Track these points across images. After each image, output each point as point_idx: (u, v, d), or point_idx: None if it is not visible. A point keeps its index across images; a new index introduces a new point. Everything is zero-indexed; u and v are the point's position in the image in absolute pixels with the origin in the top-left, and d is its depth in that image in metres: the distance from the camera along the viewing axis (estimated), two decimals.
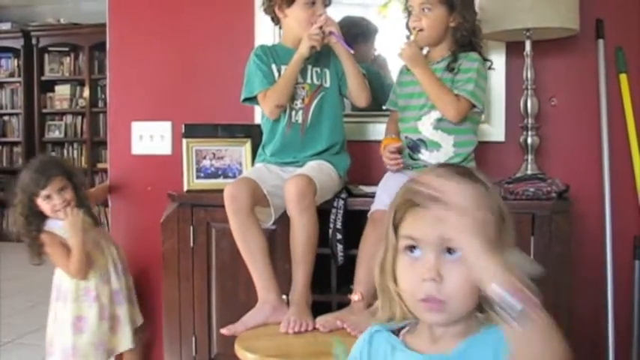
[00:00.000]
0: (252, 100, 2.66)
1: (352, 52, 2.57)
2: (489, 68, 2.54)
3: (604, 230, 2.73)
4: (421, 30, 2.46)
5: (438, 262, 1.19)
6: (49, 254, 2.84)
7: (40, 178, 2.81)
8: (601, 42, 2.77)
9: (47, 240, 2.83)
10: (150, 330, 3.16)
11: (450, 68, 2.45)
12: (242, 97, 2.67)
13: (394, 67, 2.85)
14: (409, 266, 1.24)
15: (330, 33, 2.53)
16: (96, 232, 2.95)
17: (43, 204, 2.82)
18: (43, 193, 2.80)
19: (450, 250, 1.19)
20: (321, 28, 2.51)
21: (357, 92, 2.62)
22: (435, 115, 2.45)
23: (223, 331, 2.32)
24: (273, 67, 2.63)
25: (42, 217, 2.84)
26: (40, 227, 2.84)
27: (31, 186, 2.81)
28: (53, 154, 8.18)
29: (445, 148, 2.46)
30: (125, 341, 2.93)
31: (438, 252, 1.20)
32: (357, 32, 3.08)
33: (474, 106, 2.41)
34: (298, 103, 2.63)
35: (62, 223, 2.83)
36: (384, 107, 2.71)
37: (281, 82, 2.57)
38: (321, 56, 2.62)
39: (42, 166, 2.86)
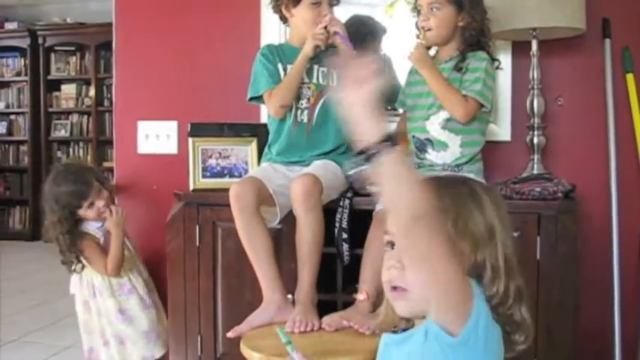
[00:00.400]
0: (259, 99, 2.66)
1: (354, 52, 2.56)
2: (497, 68, 2.54)
3: (610, 230, 2.73)
4: (429, 29, 2.46)
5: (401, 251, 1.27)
6: (86, 258, 2.88)
7: (80, 190, 2.85)
8: (607, 42, 2.77)
9: (86, 245, 2.87)
10: None
11: (457, 68, 2.45)
12: (248, 97, 2.67)
13: (399, 67, 2.85)
14: (386, 259, 1.33)
15: (335, 33, 2.52)
16: None
17: (87, 212, 2.87)
18: (86, 203, 2.85)
19: None
20: (325, 27, 2.51)
21: None
22: (443, 115, 2.45)
23: (229, 334, 2.31)
24: (279, 66, 2.63)
25: (78, 223, 2.88)
26: (81, 235, 2.88)
27: (74, 200, 2.84)
28: (59, 154, 8.21)
29: (452, 149, 2.46)
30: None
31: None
32: (365, 31, 3.08)
33: (482, 105, 2.41)
34: (304, 103, 2.62)
35: (97, 224, 2.90)
36: (396, 106, 2.71)
37: (285, 82, 2.58)
38: (328, 56, 2.61)
39: (76, 176, 2.89)
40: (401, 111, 2.74)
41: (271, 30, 3.05)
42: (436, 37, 2.48)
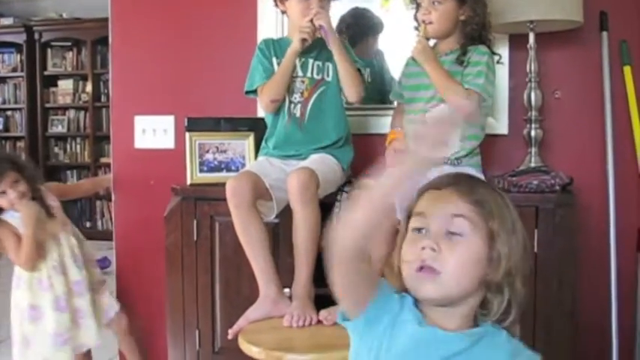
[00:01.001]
0: (255, 92, 2.67)
1: (330, 46, 2.54)
2: (497, 62, 2.53)
3: (608, 223, 2.73)
4: (430, 23, 2.45)
5: (439, 237, 1.28)
6: (2, 245, 2.81)
7: None
8: (605, 34, 2.76)
9: (2, 231, 2.80)
10: (153, 324, 3.16)
11: (459, 61, 2.44)
12: (244, 90, 2.68)
13: (394, 61, 2.84)
14: (413, 241, 1.32)
15: (319, 27, 2.51)
16: (52, 224, 2.90)
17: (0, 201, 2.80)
18: None
19: (453, 234, 1.28)
20: (312, 21, 2.51)
21: (347, 87, 2.57)
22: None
23: (229, 336, 2.31)
24: (274, 60, 2.64)
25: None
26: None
27: None
28: (56, 149, 8.19)
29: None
30: (90, 336, 2.89)
31: (441, 230, 1.29)
32: (365, 25, 3.08)
33: (483, 100, 2.41)
34: (297, 97, 2.62)
35: (17, 214, 2.81)
36: (390, 98, 2.70)
37: (275, 78, 2.58)
38: (324, 49, 2.60)
39: None
40: (395, 104, 2.74)
41: (268, 24, 3.05)
42: (437, 30, 2.47)
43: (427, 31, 2.46)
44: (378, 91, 2.72)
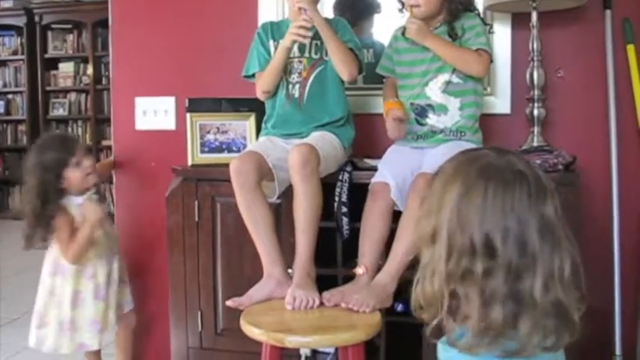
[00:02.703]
0: (252, 76, 2.70)
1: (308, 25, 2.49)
2: (489, 32, 2.56)
3: (611, 201, 2.72)
4: (418, 6, 2.44)
5: None
6: (56, 237, 2.78)
7: (67, 147, 2.80)
8: (608, 12, 2.74)
9: (62, 223, 2.77)
10: (156, 305, 3.16)
11: (452, 36, 2.46)
12: (242, 74, 2.72)
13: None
14: None
15: (300, 9, 2.49)
16: (109, 221, 2.93)
17: (74, 173, 2.78)
18: (74, 160, 2.78)
19: None
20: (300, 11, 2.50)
21: (339, 66, 2.56)
22: (442, 78, 2.46)
23: (229, 302, 2.31)
24: (272, 43, 2.65)
25: (60, 194, 2.79)
26: (59, 211, 2.77)
27: (61, 157, 2.76)
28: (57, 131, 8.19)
29: (452, 112, 2.47)
30: (111, 324, 2.89)
31: None
32: (361, 7, 3.07)
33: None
34: (295, 77, 2.62)
35: (79, 199, 2.81)
36: (378, 71, 2.69)
37: (267, 71, 2.60)
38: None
39: (62, 139, 2.88)
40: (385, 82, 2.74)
41: (269, 5, 3.04)
42: (425, 12, 2.47)
43: (415, 14, 2.45)
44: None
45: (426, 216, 1.26)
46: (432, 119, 2.48)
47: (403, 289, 2.30)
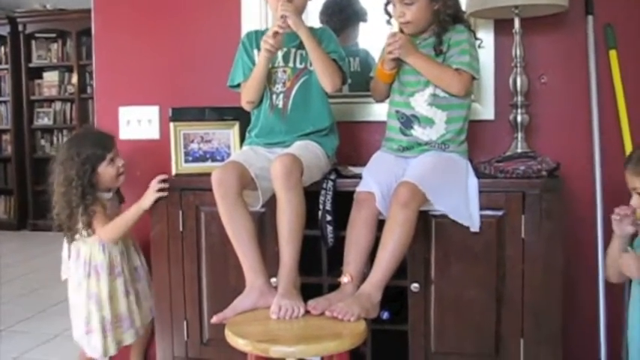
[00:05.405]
0: (238, 86, 2.70)
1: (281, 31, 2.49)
2: (479, 47, 2.53)
3: (595, 207, 2.72)
4: (408, 22, 2.44)
5: None
6: (94, 219, 2.82)
7: (105, 143, 2.87)
8: (590, 18, 2.75)
9: (100, 207, 2.84)
10: None
11: (437, 51, 2.45)
12: (227, 84, 2.72)
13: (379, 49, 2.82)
14: None
15: (282, 17, 2.47)
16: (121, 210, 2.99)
17: (106, 169, 2.85)
18: (109, 156, 2.85)
19: None
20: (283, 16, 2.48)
21: (321, 77, 2.55)
22: (429, 91, 2.45)
23: (213, 320, 2.29)
24: (256, 52, 2.64)
25: (92, 189, 2.83)
26: (94, 198, 2.83)
27: (98, 150, 2.83)
28: (43, 142, 8.14)
29: (438, 125, 2.45)
30: (146, 316, 2.98)
31: None
32: (346, 15, 3.07)
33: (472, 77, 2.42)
34: (279, 87, 2.62)
35: (108, 195, 2.91)
36: (370, 75, 2.68)
37: (250, 80, 2.61)
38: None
39: (99, 134, 2.94)
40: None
41: (252, 14, 3.04)
42: (415, 27, 2.47)
43: (406, 30, 2.45)
44: (365, 79, 2.70)
45: None
46: (417, 131, 2.47)
47: (390, 297, 2.30)
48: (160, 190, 2.72)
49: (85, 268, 2.86)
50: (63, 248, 2.98)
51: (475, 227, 2.38)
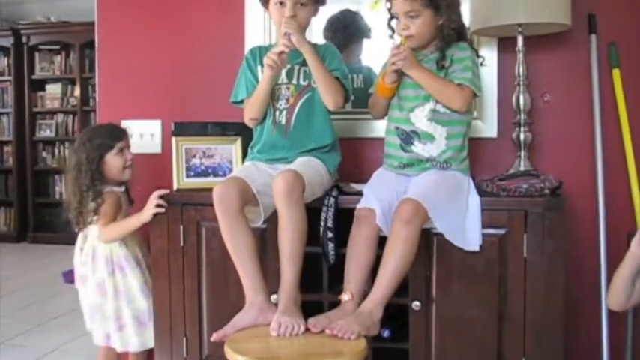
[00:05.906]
0: (241, 102, 2.68)
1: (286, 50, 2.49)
2: (481, 64, 2.52)
3: (597, 227, 2.72)
4: (411, 36, 2.44)
5: None
6: (101, 211, 2.82)
7: (115, 133, 2.89)
8: (593, 37, 2.76)
9: (110, 197, 2.84)
10: None
11: (440, 65, 2.44)
12: (230, 100, 2.71)
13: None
14: None
15: (285, 34, 2.47)
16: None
17: (115, 159, 2.85)
18: (119, 145, 2.86)
19: None
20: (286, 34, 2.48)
21: (324, 95, 2.54)
22: (429, 106, 2.43)
23: (213, 337, 2.28)
24: (259, 69, 2.63)
25: (100, 177, 2.85)
26: (103, 184, 2.85)
27: (108, 140, 2.85)
28: (44, 154, 8.15)
29: (438, 141, 2.43)
30: None
31: None
32: (351, 31, 3.07)
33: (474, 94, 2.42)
34: (282, 104, 2.61)
35: (118, 188, 2.90)
36: (369, 91, 2.67)
37: (253, 98, 2.60)
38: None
39: (111, 126, 2.97)
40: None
41: (256, 29, 3.05)
42: (419, 41, 2.47)
43: (410, 44, 2.44)
44: (367, 96, 2.70)
45: None
46: (418, 147, 2.46)
47: (391, 314, 2.29)
48: (159, 205, 2.71)
49: (108, 266, 2.84)
50: (75, 253, 2.97)
51: (470, 247, 2.36)
